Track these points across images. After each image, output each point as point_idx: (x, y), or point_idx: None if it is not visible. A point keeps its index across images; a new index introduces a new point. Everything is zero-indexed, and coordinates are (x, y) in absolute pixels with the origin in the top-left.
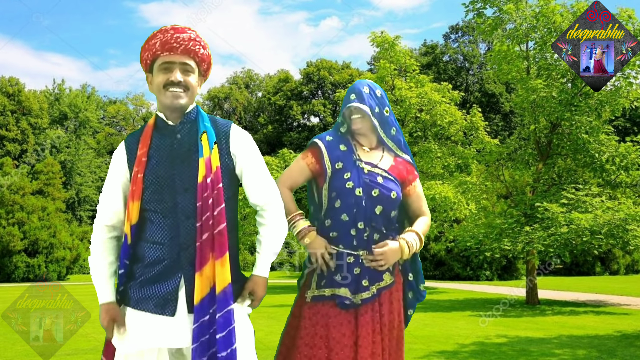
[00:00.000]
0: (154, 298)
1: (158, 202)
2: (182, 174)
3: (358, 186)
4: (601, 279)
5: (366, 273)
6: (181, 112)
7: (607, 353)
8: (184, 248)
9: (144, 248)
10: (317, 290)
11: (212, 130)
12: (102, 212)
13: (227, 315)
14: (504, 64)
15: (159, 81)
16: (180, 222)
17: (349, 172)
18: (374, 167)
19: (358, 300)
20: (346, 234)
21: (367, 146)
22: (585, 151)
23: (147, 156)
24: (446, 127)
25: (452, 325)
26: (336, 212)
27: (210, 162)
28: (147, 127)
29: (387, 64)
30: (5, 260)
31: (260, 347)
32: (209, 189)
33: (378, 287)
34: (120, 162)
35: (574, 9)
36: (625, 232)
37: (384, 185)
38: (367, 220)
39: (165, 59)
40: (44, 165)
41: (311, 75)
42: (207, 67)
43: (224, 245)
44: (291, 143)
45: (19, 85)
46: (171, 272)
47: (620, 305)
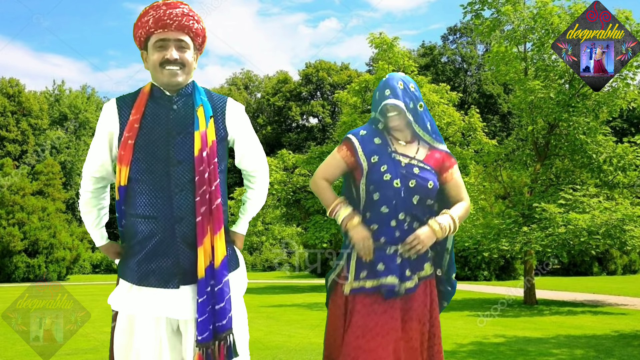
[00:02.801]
0: (156, 273)
1: (148, 172)
2: (177, 145)
3: (396, 177)
4: (599, 279)
5: (407, 263)
6: (178, 86)
7: (605, 353)
8: (177, 221)
9: (136, 223)
10: (356, 282)
11: (209, 104)
12: (89, 164)
13: (225, 287)
14: (501, 65)
15: (155, 59)
16: (174, 195)
17: (385, 164)
18: (410, 159)
19: (402, 289)
20: (387, 225)
21: (403, 140)
22: (583, 152)
23: (140, 123)
24: (444, 128)
25: (450, 325)
26: (375, 204)
27: (206, 136)
28: (142, 94)
29: (385, 65)
30: (5, 261)
31: (260, 347)
32: (205, 162)
33: (419, 276)
34: (109, 120)
35: (572, 11)
36: (622, 232)
37: (420, 176)
38: (408, 211)
39: (160, 37)
40: (44, 165)
41: (310, 76)
42: (202, 41)
43: (221, 220)
44: (290, 144)
45: (19, 86)
46: (168, 246)
47: (617, 305)
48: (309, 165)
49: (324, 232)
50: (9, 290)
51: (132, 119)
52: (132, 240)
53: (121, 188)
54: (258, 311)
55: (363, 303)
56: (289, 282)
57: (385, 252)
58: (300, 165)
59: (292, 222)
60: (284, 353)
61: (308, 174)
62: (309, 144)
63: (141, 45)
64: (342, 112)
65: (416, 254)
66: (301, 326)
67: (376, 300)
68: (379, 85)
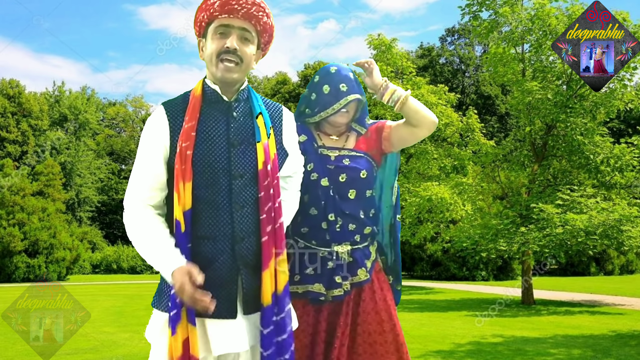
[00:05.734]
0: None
1: (211, 187)
2: (238, 157)
3: (323, 176)
4: (596, 279)
5: (339, 269)
6: (234, 87)
7: (602, 352)
8: (238, 241)
9: (194, 246)
10: (290, 287)
11: (267, 113)
12: (140, 190)
13: (287, 317)
14: (499, 67)
15: (213, 48)
16: (235, 212)
17: (312, 162)
18: (340, 151)
19: (329, 297)
20: (317, 228)
21: (335, 134)
22: (580, 153)
23: (196, 131)
24: (442, 129)
25: (448, 325)
26: (305, 206)
27: (268, 149)
28: (194, 97)
29: (384, 66)
30: (5, 261)
31: None
32: (270, 177)
33: (352, 282)
34: (160, 131)
35: (569, 12)
36: (619, 232)
37: (351, 167)
38: (338, 211)
39: (223, 22)
40: (44, 166)
41: (309, 77)
42: (269, 39)
43: (283, 240)
44: None
45: (20, 87)
46: (227, 270)
47: (614, 305)
48: None
49: None
50: (9, 291)
51: (187, 127)
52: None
53: (186, 214)
54: None
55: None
56: None
57: (316, 256)
58: None
59: None
60: None
61: None
62: None
63: (200, 32)
64: None
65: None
66: None
67: (304, 306)
68: (324, 76)
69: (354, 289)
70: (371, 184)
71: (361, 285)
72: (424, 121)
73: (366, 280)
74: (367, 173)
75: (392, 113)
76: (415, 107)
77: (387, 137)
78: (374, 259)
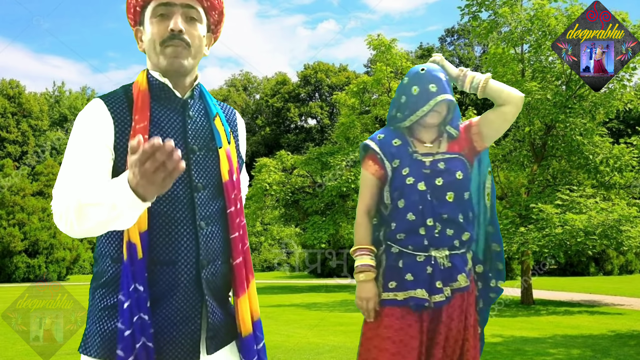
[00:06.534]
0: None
1: (170, 202)
2: (199, 165)
3: (419, 180)
4: (595, 279)
5: (439, 274)
6: (187, 81)
7: (601, 352)
8: (203, 265)
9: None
10: (386, 294)
11: (223, 115)
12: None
13: (263, 349)
14: (499, 67)
15: (154, 33)
16: (199, 231)
17: (407, 167)
18: (434, 156)
19: (432, 303)
20: (415, 233)
21: (428, 140)
22: (580, 153)
23: (149, 134)
24: None
25: None
26: (400, 212)
27: (231, 155)
28: (139, 92)
29: (383, 66)
30: (5, 261)
31: None
32: (237, 188)
33: (452, 288)
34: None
35: (569, 12)
36: (619, 232)
37: (446, 170)
38: (437, 216)
39: (162, 0)
40: (44, 166)
41: (308, 77)
42: (219, 19)
43: (251, 263)
44: (288, 144)
45: (20, 87)
46: (190, 301)
47: (614, 305)
48: (307, 166)
49: (322, 232)
50: (9, 291)
51: (138, 128)
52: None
53: (143, 235)
54: None
55: (394, 316)
56: (287, 283)
57: (414, 261)
58: (299, 166)
59: (291, 222)
60: (283, 353)
61: (306, 174)
62: (308, 145)
63: (135, 19)
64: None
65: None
66: (299, 326)
67: (408, 312)
68: (412, 77)
69: (455, 294)
70: (467, 185)
71: (462, 292)
72: (510, 99)
73: (466, 287)
74: (463, 174)
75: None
76: (498, 87)
77: (477, 131)
78: (470, 266)
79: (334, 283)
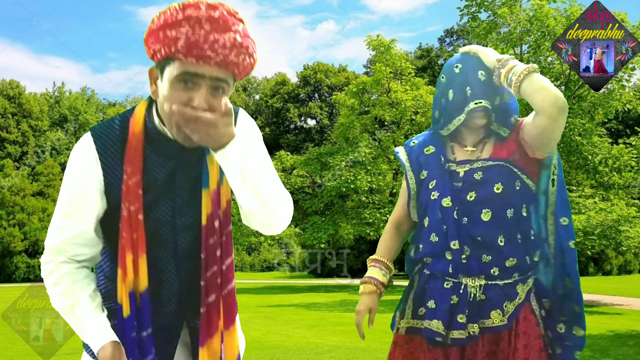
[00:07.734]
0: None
1: (158, 246)
2: (183, 207)
3: (445, 195)
4: (594, 279)
5: (465, 306)
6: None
7: (600, 352)
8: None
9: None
10: (413, 321)
11: None
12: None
13: None
14: None
15: (173, 99)
16: (181, 268)
17: (434, 179)
18: (472, 164)
19: (448, 339)
20: (441, 258)
21: (471, 144)
22: (579, 153)
23: (143, 188)
24: None
25: None
26: (425, 232)
27: (219, 196)
28: (134, 137)
29: (383, 67)
30: (6, 261)
31: (258, 347)
32: (217, 234)
33: (482, 326)
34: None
35: (568, 13)
36: (617, 233)
37: (482, 181)
38: (465, 237)
39: (189, 69)
40: (44, 167)
41: (308, 78)
42: (246, 75)
43: (234, 309)
44: (288, 145)
45: (20, 88)
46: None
47: (613, 305)
48: (307, 166)
49: (322, 232)
50: (9, 291)
51: (131, 183)
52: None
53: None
54: (256, 311)
55: (422, 348)
56: (287, 283)
57: (441, 286)
58: (299, 166)
59: (291, 222)
60: (282, 352)
61: (306, 175)
62: (307, 145)
63: (154, 58)
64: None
65: (482, 294)
66: (299, 326)
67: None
68: (448, 76)
69: (485, 335)
70: (514, 201)
71: (496, 332)
72: (542, 108)
73: (502, 326)
74: (504, 187)
75: (390, 114)
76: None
77: (523, 136)
78: (522, 301)
79: (334, 283)
